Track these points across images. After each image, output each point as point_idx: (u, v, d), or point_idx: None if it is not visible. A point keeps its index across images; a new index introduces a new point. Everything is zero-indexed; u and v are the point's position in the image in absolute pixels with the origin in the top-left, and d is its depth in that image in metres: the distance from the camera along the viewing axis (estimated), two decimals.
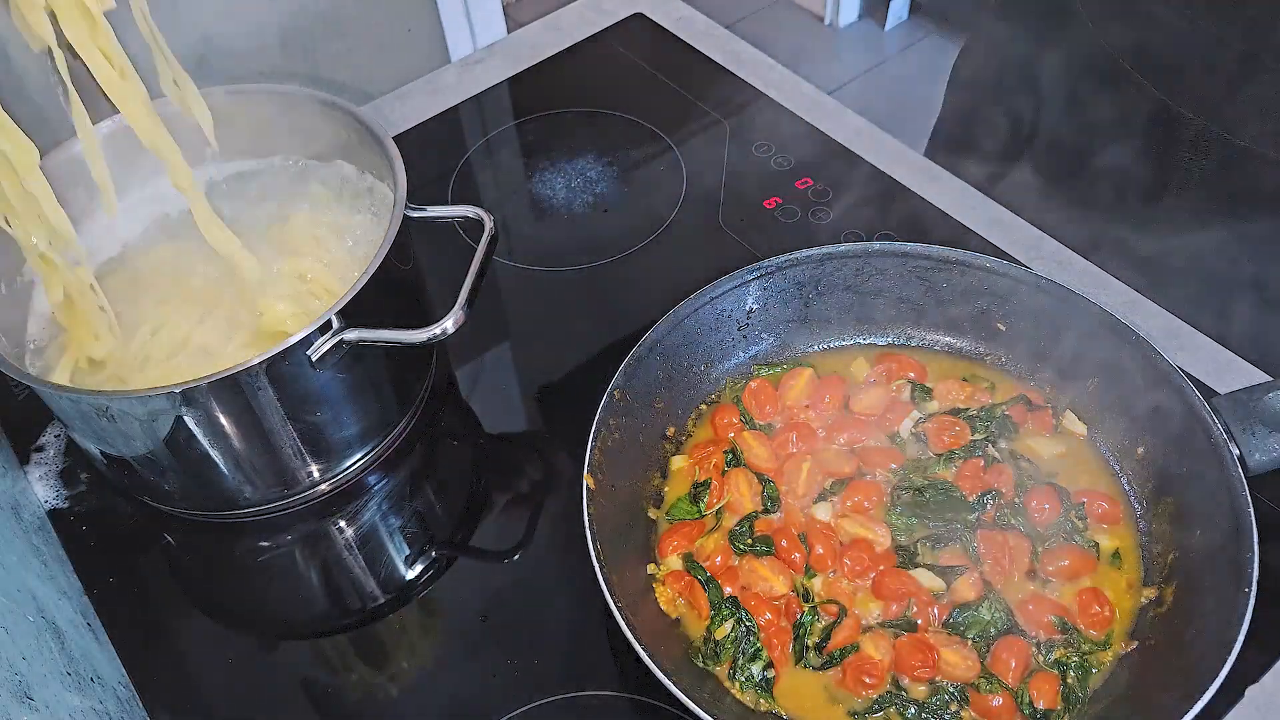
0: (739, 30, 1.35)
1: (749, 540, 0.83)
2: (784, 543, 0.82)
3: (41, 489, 0.94)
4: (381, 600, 0.87)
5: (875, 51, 3.15)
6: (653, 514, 0.86)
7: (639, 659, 0.70)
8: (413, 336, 0.80)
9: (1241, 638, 0.68)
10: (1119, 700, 0.73)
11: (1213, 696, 0.66)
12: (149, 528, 0.92)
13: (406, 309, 0.90)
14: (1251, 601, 0.69)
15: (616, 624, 0.72)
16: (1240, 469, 0.76)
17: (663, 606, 0.80)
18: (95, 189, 0.93)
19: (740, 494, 0.85)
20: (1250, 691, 0.76)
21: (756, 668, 0.77)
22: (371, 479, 0.94)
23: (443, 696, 0.80)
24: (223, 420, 0.80)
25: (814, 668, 0.77)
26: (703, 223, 1.12)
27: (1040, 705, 0.74)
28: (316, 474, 0.90)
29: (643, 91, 1.27)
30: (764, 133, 1.20)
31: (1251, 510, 0.73)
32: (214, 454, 0.83)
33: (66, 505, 0.93)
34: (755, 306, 0.93)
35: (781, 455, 0.88)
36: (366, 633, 0.85)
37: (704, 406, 0.93)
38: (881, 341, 0.96)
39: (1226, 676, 0.66)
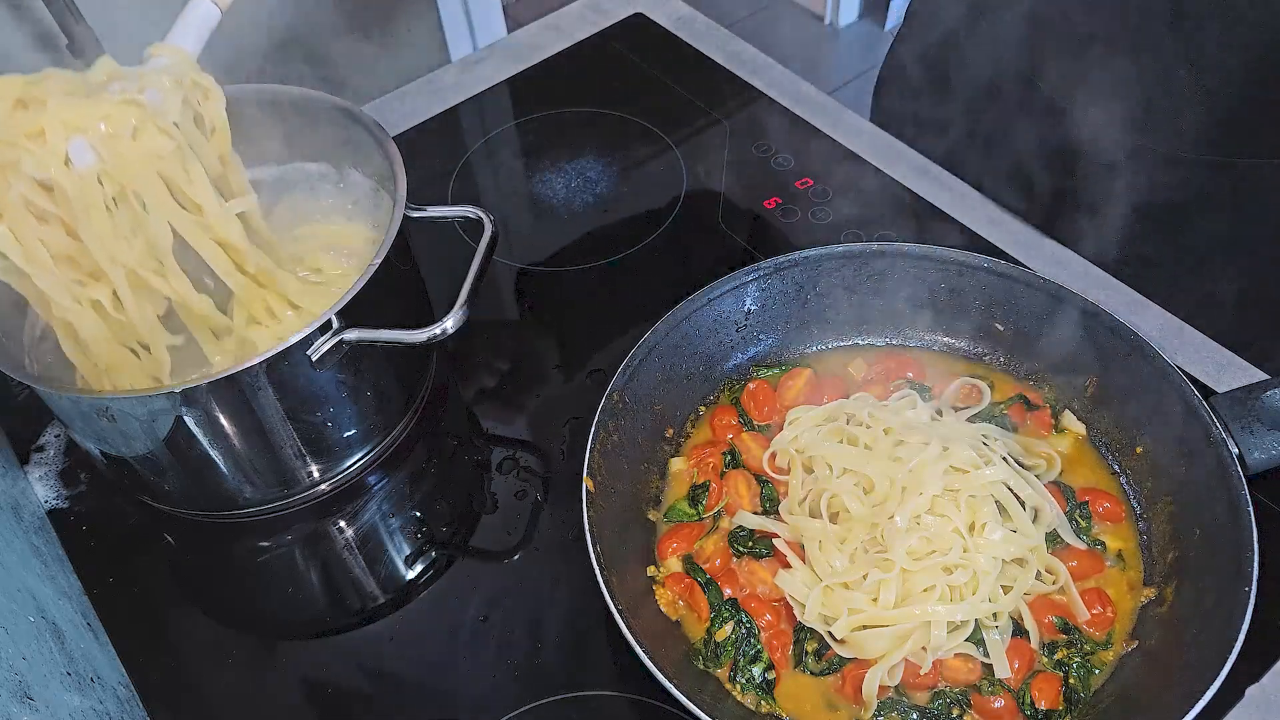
0: (739, 30, 1.35)
1: (749, 543, 0.83)
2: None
3: (41, 489, 0.94)
4: (381, 600, 0.87)
5: (875, 51, 3.15)
6: (652, 516, 0.86)
7: (640, 660, 0.70)
8: (413, 336, 0.80)
9: (1242, 637, 0.68)
10: (1120, 700, 0.73)
11: (1213, 696, 0.66)
12: (149, 528, 0.92)
13: (406, 309, 0.90)
14: (1252, 600, 0.69)
15: (615, 623, 0.72)
16: (1239, 467, 0.76)
17: (663, 609, 0.80)
18: None
19: (739, 496, 0.85)
20: (1250, 691, 0.76)
21: (757, 670, 0.76)
22: (371, 479, 0.94)
23: (443, 696, 0.80)
24: (223, 420, 0.80)
25: (813, 673, 0.77)
26: (703, 223, 1.12)
27: (1042, 706, 0.74)
28: (316, 474, 0.90)
29: (643, 91, 1.27)
30: (764, 133, 1.20)
31: (1251, 509, 0.73)
32: (214, 454, 0.83)
33: (66, 505, 0.93)
34: (753, 308, 0.93)
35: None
36: (366, 633, 0.85)
37: (703, 408, 0.93)
38: (880, 342, 0.96)
39: (1227, 676, 0.66)
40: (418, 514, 0.92)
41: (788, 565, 0.80)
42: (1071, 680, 0.75)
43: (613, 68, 1.31)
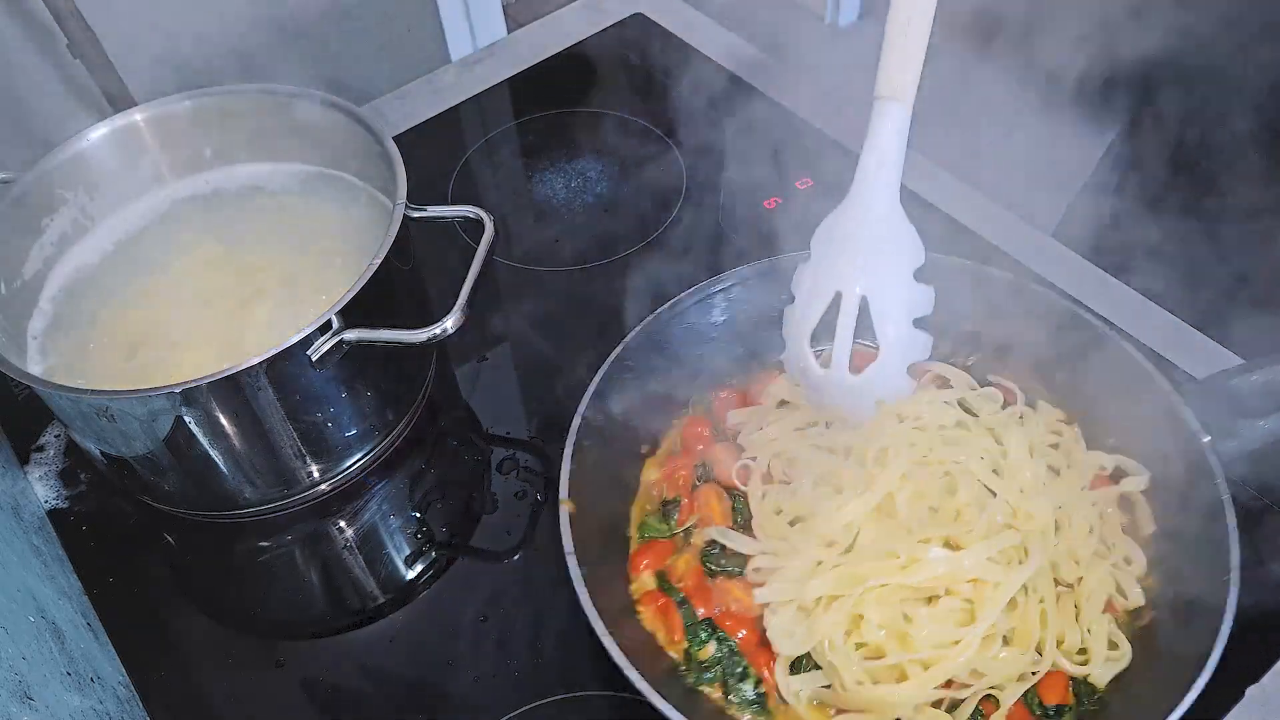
0: (739, 30, 1.35)
1: (721, 561, 0.81)
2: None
3: (41, 489, 0.94)
4: (381, 600, 0.87)
5: (875, 51, 3.14)
6: (631, 534, 0.85)
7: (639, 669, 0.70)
8: (413, 336, 0.80)
9: (1228, 625, 0.68)
10: (1119, 692, 0.73)
11: (1213, 697, 0.66)
12: (149, 528, 0.92)
13: (406, 309, 0.90)
14: (1234, 586, 0.69)
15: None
16: (1213, 454, 0.76)
17: (648, 628, 0.79)
18: (92, 187, 0.94)
19: (710, 511, 0.83)
20: (1250, 691, 0.76)
21: (748, 687, 0.76)
22: (371, 479, 0.94)
23: (443, 696, 0.80)
24: (223, 420, 0.80)
25: None
26: (703, 223, 1.12)
27: (1051, 702, 0.73)
28: (316, 474, 0.90)
29: (643, 91, 1.27)
30: (764, 133, 1.20)
31: (1228, 495, 0.74)
32: (214, 454, 0.83)
33: (66, 505, 0.93)
34: (722, 318, 0.92)
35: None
36: (366, 633, 0.85)
37: (676, 421, 0.92)
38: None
39: (1227, 675, 0.66)
40: (418, 514, 0.92)
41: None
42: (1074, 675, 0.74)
43: (613, 68, 1.31)
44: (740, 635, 0.77)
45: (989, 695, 0.73)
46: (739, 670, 0.76)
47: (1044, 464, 0.81)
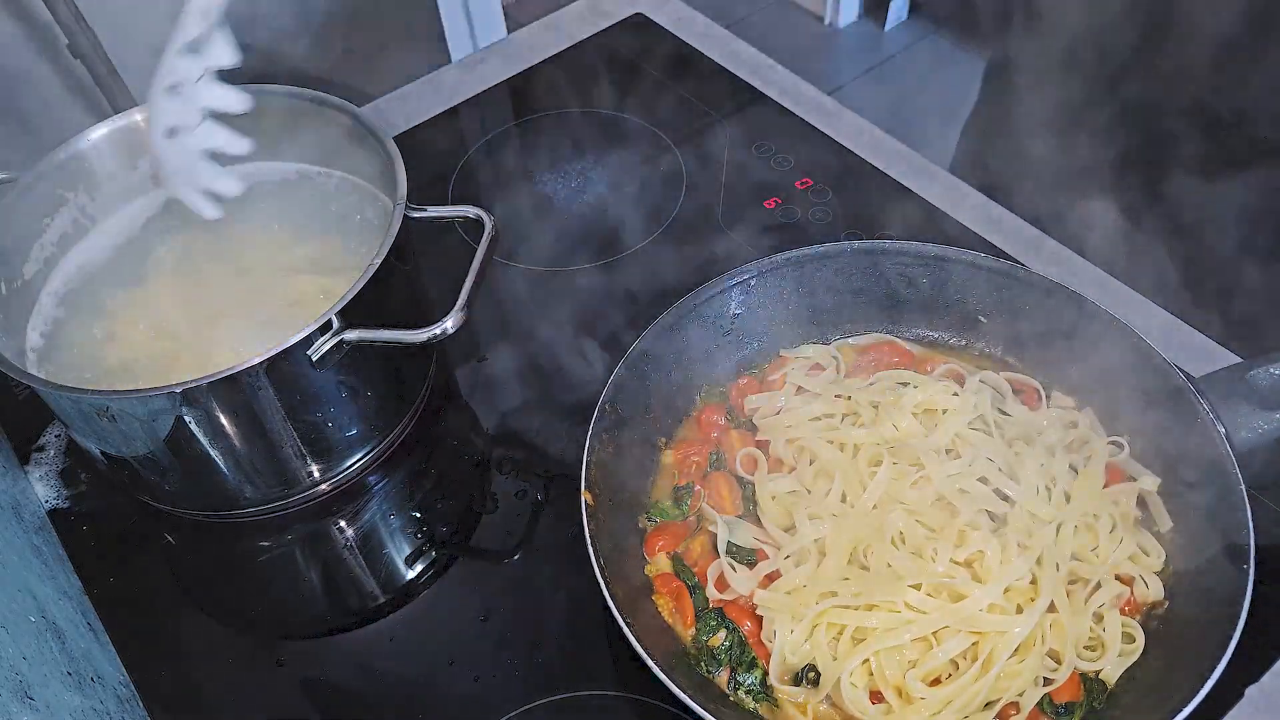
0: (739, 30, 1.35)
1: (734, 549, 0.81)
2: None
3: (42, 489, 0.94)
4: (381, 600, 0.87)
5: (875, 51, 3.15)
6: (643, 524, 0.86)
7: (640, 661, 0.70)
8: (413, 336, 0.80)
9: (1244, 616, 0.68)
10: (1131, 686, 0.73)
11: (1213, 696, 0.66)
12: (149, 528, 0.93)
13: (406, 309, 0.90)
14: (1251, 578, 0.69)
15: (615, 623, 0.71)
16: (1228, 446, 0.76)
17: (666, 618, 0.80)
18: (92, 187, 0.94)
19: (720, 498, 0.84)
20: (1250, 691, 0.76)
21: (754, 677, 0.76)
22: (371, 479, 0.94)
23: (443, 696, 0.80)
24: (223, 420, 0.80)
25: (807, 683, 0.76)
26: (703, 223, 1.12)
27: (1061, 700, 0.73)
28: (317, 474, 0.90)
29: (643, 91, 1.27)
30: (764, 133, 1.20)
31: (1244, 487, 0.74)
32: (214, 454, 0.83)
33: (67, 505, 0.93)
34: (739, 311, 0.93)
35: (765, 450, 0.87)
36: (366, 633, 0.85)
37: (693, 413, 0.92)
38: (865, 339, 0.95)
39: (1227, 674, 0.66)
40: (418, 514, 0.92)
41: (773, 576, 0.79)
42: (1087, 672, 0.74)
43: (613, 68, 1.31)
44: (746, 626, 0.78)
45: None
46: (748, 660, 0.76)
47: (1065, 462, 0.81)
